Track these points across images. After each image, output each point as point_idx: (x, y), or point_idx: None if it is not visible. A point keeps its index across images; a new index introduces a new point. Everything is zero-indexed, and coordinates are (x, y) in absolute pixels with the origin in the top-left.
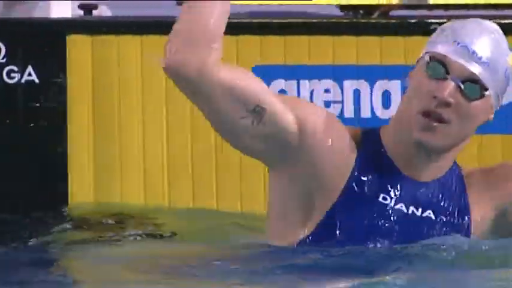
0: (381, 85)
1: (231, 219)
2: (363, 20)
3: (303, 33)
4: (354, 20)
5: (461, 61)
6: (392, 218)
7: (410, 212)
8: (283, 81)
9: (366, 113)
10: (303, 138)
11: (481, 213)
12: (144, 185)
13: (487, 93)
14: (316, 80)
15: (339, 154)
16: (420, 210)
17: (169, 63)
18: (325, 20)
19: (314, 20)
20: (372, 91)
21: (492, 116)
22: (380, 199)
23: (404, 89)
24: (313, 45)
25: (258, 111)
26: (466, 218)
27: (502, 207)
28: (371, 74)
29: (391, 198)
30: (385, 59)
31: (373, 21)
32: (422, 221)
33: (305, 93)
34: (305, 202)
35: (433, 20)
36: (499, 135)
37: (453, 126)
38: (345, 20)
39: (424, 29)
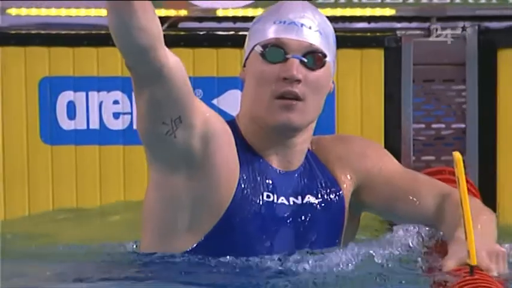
0: None
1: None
2: None
3: (91, 45)
4: None
5: (296, 37)
6: (279, 214)
7: (292, 203)
8: (72, 92)
9: None
10: (206, 152)
11: (345, 186)
12: None
13: (326, 59)
14: (105, 92)
15: (231, 157)
16: (300, 198)
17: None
18: None
19: (102, 32)
20: None
21: (332, 85)
22: (265, 198)
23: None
24: (101, 56)
25: (177, 122)
26: (338, 192)
27: (357, 183)
28: None
29: (273, 194)
30: None
31: (162, 33)
32: (305, 208)
33: (94, 104)
34: (199, 208)
35: (221, 32)
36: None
37: (308, 101)
38: None
39: (213, 40)
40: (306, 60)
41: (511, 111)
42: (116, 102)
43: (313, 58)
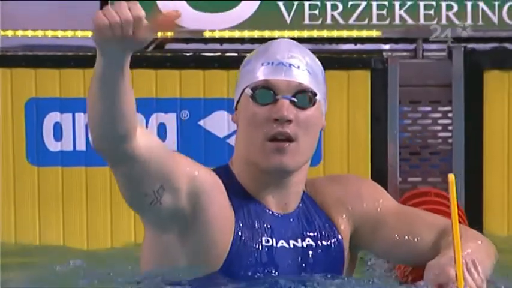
0: (156, 118)
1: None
2: (137, 53)
3: (78, 66)
4: None
5: (285, 77)
6: (280, 258)
7: (292, 246)
8: (58, 114)
9: None
10: (196, 209)
11: (342, 228)
12: None
13: (316, 98)
14: None
15: (224, 209)
16: (300, 241)
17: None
18: None
19: (89, 53)
20: (147, 124)
21: (325, 123)
22: (264, 243)
23: (179, 122)
24: (88, 78)
25: (160, 191)
26: (337, 236)
27: (354, 225)
28: (146, 106)
29: (272, 238)
30: (160, 92)
31: (149, 54)
32: (306, 252)
33: (80, 126)
34: (196, 262)
35: (208, 54)
36: None
37: (300, 141)
38: None
39: (199, 62)
40: (295, 99)
41: (498, 132)
42: None
43: (303, 97)
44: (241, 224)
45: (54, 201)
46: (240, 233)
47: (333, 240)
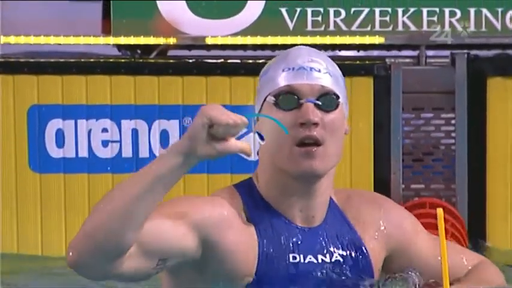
0: (158, 125)
1: None
2: (140, 60)
3: (80, 73)
4: (132, 59)
5: (307, 81)
6: (308, 274)
7: (320, 261)
8: (60, 120)
9: (144, 153)
10: (206, 251)
11: (372, 247)
12: None
13: (339, 101)
14: (94, 120)
15: (242, 235)
16: (328, 256)
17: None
18: (102, 60)
19: (91, 60)
20: (149, 131)
21: (348, 127)
22: (291, 260)
23: (182, 128)
24: (90, 84)
25: (160, 264)
26: (364, 252)
27: (389, 251)
28: (149, 113)
29: (299, 254)
30: (163, 98)
31: (151, 61)
32: (335, 266)
33: (83, 133)
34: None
35: (210, 60)
36: None
37: (328, 145)
38: (122, 60)
39: (202, 68)
40: (320, 102)
41: (501, 139)
42: (104, 130)
43: (327, 100)
44: (265, 243)
45: (57, 207)
46: (265, 253)
47: (360, 257)
